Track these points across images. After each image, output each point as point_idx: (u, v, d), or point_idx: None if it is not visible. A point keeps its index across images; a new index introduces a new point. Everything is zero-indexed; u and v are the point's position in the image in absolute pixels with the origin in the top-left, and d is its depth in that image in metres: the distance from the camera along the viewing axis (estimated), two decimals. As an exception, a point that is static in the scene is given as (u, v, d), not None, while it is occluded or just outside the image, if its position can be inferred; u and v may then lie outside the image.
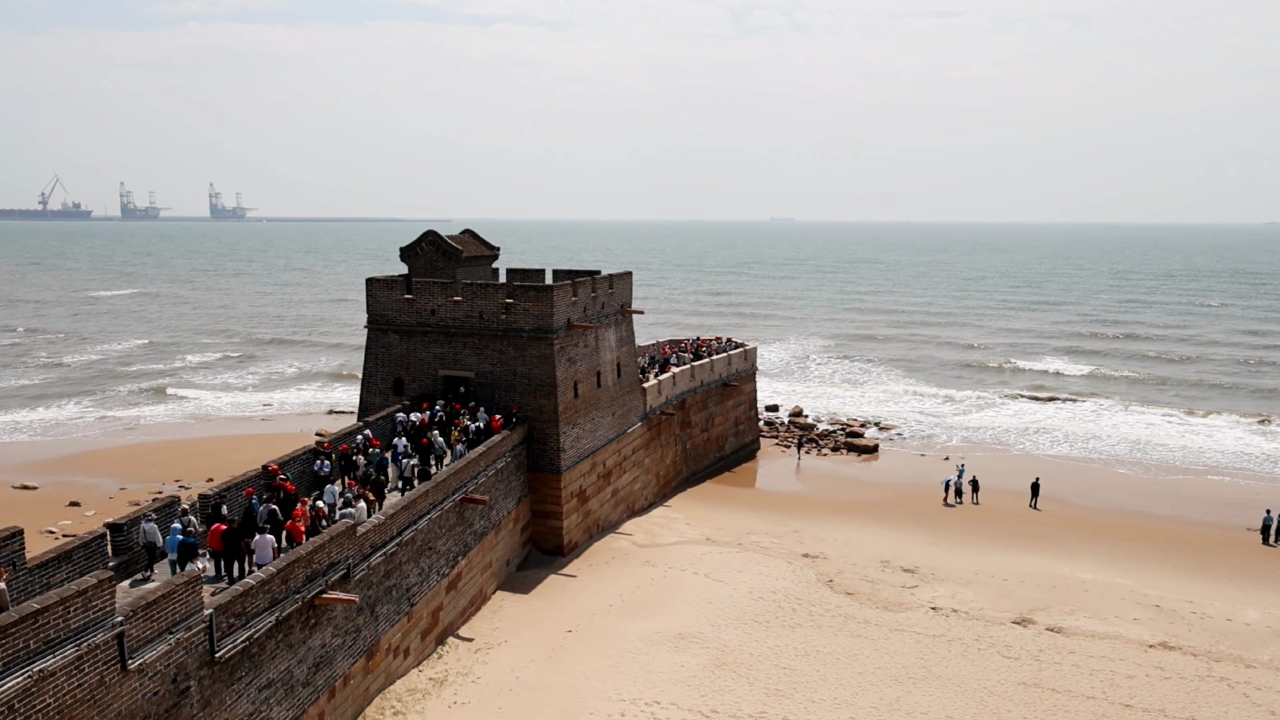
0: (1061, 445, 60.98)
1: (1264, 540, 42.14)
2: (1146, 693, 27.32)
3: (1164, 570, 38.13)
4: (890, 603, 33.84)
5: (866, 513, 45.75)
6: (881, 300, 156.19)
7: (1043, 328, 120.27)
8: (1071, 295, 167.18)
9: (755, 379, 59.91)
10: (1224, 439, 62.51)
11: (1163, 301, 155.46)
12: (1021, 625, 32.03)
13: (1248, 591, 35.86)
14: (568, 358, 37.96)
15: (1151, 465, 56.31)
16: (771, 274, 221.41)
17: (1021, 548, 40.64)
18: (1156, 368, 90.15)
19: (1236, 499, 48.74)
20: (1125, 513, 46.49)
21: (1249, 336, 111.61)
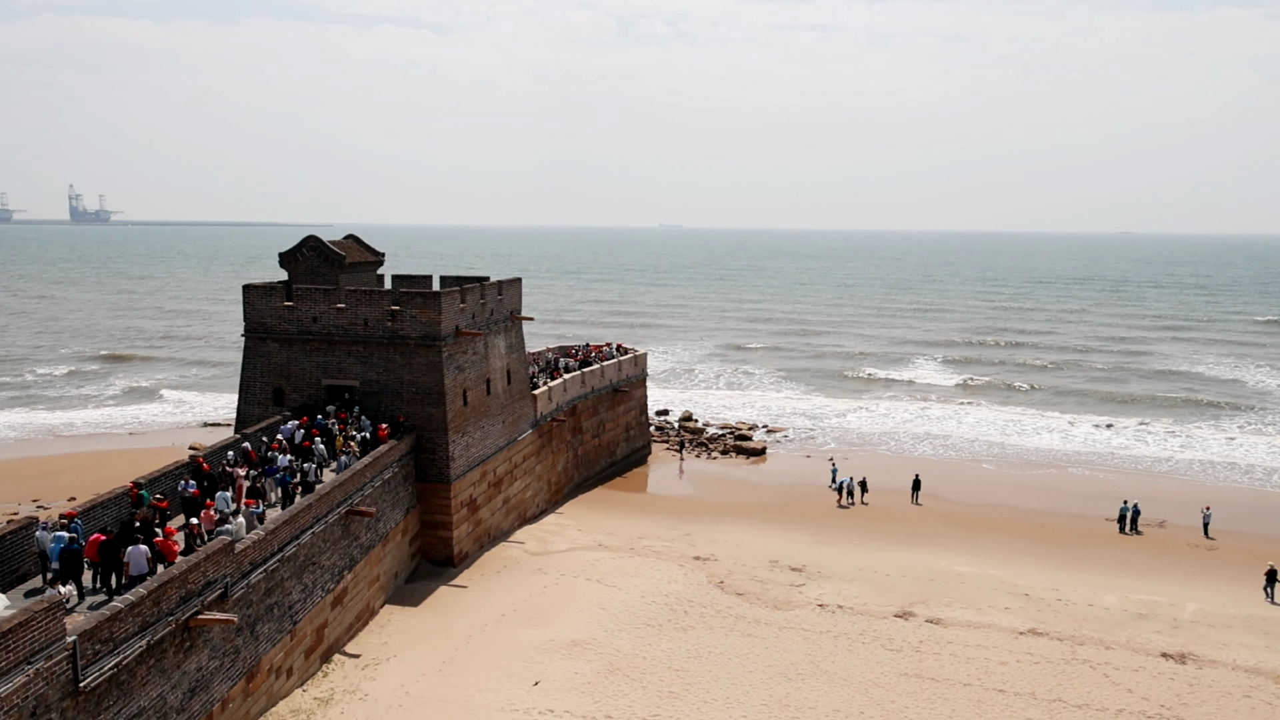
0: (936, 444, 63.60)
1: (1120, 529, 44.90)
2: (1018, 677, 28.72)
3: (1032, 560, 40.20)
4: (779, 601, 34.58)
5: (756, 514, 46.64)
6: (766, 307, 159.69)
7: (917, 333, 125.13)
8: (945, 300, 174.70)
9: (646, 384, 60.38)
10: (1081, 435, 66.31)
11: (1030, 307, 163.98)
12: (903, 618, 33.20)
13: (1106, 578, 38.13)
14: (456, 365, 37.42)
15: (1017, 461, 59.30)
16: (661, 281, 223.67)
17: (903, 544, 42.16)
18: (1022, 374, 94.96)
19: (1096, 491, 51.79)
20: (997, 507, 48.83)
21: (1106, 342, 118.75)
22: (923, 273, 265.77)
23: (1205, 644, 31.43)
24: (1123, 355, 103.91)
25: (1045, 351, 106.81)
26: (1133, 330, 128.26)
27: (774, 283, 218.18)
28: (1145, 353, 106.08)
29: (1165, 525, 45.59)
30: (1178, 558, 41.30)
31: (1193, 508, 46.93)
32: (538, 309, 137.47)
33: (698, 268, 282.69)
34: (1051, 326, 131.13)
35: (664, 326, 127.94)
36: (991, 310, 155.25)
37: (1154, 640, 31.66)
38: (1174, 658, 30.26)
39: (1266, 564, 37.52)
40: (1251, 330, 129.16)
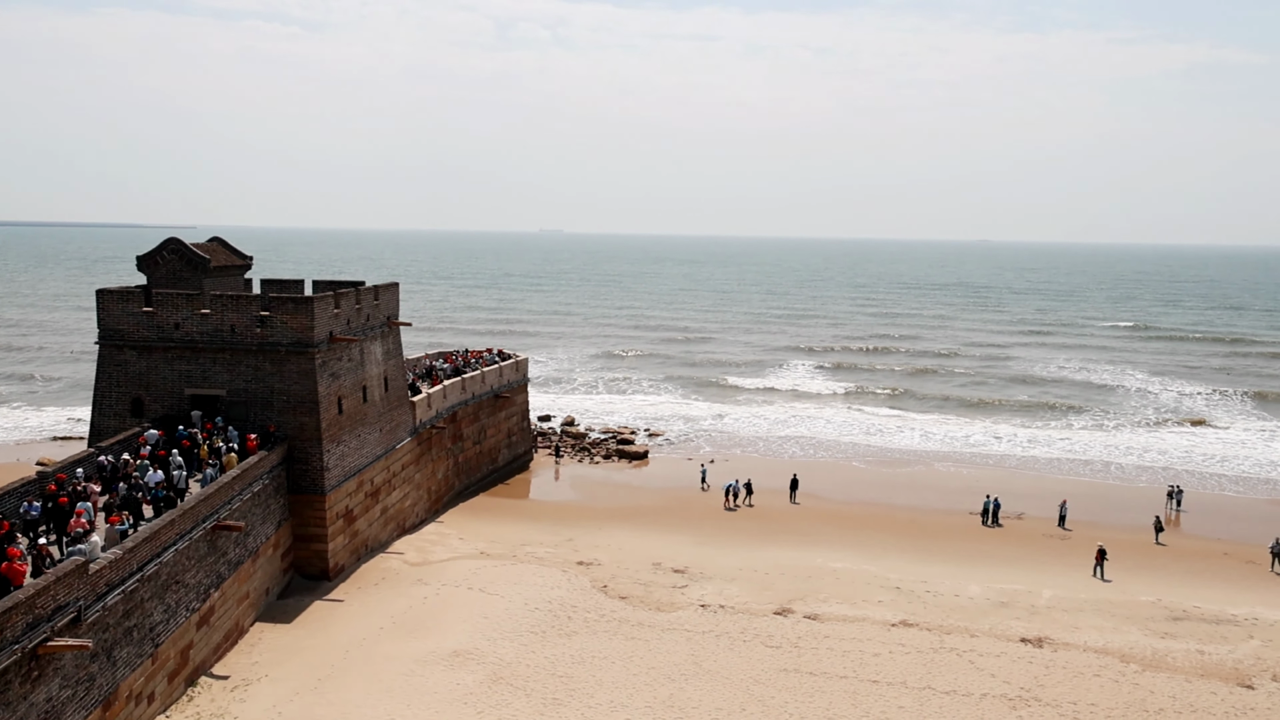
0: (811, 445, 65.45)
1: (983, 522, 47.25)
2: (890, 667, 29.83)
3: (903, 554, 41.85)
4: (662, 603, 34.88)
5: (639, 517, 46.95)
6: (647, 312, 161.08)
7: (791, 338, 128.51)
8: (818, 306, 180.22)
9: (527, 390, 59.97)
10: (941, 434, 69.48)
11: (898, 313, 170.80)
12: (782, 615, 34.00)
13: (971, 569, 40.06)
14: (330, 372, 36.26)
15: (887, 460, 61.66)
16: (541, 286, 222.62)
17: (781, 542, 43.20)
18: (891, 377, 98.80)
19: (960, 487, 54.33)
20: (869, 504, 50.63)
21: (968, 346, 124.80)
22: (796, 279, 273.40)
23: (1060, 628, 33.39)
24: (983, 360, 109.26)
25: (915, 357, 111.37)
26: (993, 335, 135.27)
27: (655, 288, 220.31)
28: (1004, 357, 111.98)
29: (1024, 518, 48.21)
30: (1035, 548, 43.74)
31: (1048, 500, 49.79)
32: (416, 314, 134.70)
33: (579, 273, 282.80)
34: (918, 331, 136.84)
35: (546, 332, 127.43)
36: (863, 316, 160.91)
37: (1014, 626, 33.42)
38: (1032, 642, 32.02)
39: (1104, 547, 40.26)
40: (1098, 334, 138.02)
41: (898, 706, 27.32)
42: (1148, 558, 42.57)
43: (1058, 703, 27.67)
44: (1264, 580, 39.87)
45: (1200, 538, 45.98)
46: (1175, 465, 60.63)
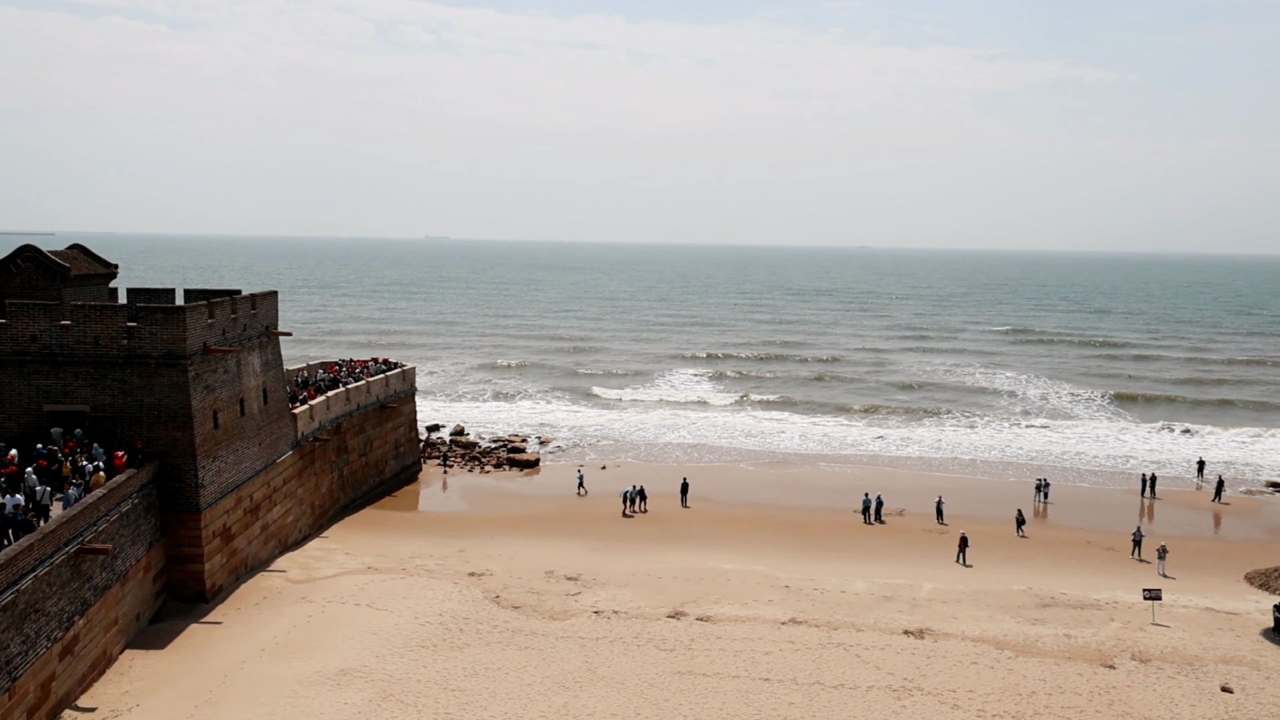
0: (700, 449, 66.34)
1: (866, 520, 48.79)
2: (780, 665, 30.45)
3: (791, 554, 42.82)
4: (556, 612, 34.69)
5: (530, 526, 46.60)
6: (536, 320, 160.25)
7: (677, 345, 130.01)
8: (706, 312, 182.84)
9: (415, 400, 58.79)
10: (830, 434, 71.54)
11: (787, 319, 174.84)
12: (675, 618, 34.29)
13: (855, 565, 41.31)
14: (205, 385, 34.71)
15: (774, 461, 63.00)
16: (428, 294, 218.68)
17: (673, 546, 43.59)
18: (780, 382, 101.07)
19: (844, 486, 55.96)
20: (758, 505, 51.61)
21: (851, 351, 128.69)
22: (684, 286, 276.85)
23: (939, 619, 34.75)
24: (865, 366, 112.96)
25: (801, 364, 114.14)
26: (875, 340, 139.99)
27: (543, 296, 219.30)
28: (886, 361, 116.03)
29: (904, 514, 50.01)
30: (915, 543, 45.42)
31: (926, 497, 51.80)
32: (296, 324, 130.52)
33: (466, 281, 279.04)
34: (803, 337, 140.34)
35: (433, 341, 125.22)
36: (749, 322, 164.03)
37: (897, 619, 34.61)
38: (914, 634, 33.21)
39: (966, 535, 42.23)
40: (973, 339, 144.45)
41: (788, 703, 27.90)
42: (1019, 548, 44.76)
43: (939, 691, 28.77)
44: (1123, 566, 42.43)
45: (1066, 528, 48.64)
46: (1041, 461, 63.99)
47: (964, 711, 27.51)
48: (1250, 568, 37.62)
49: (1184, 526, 49.43)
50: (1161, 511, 52.37)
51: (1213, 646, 32.56)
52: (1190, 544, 45.67)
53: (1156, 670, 30.50)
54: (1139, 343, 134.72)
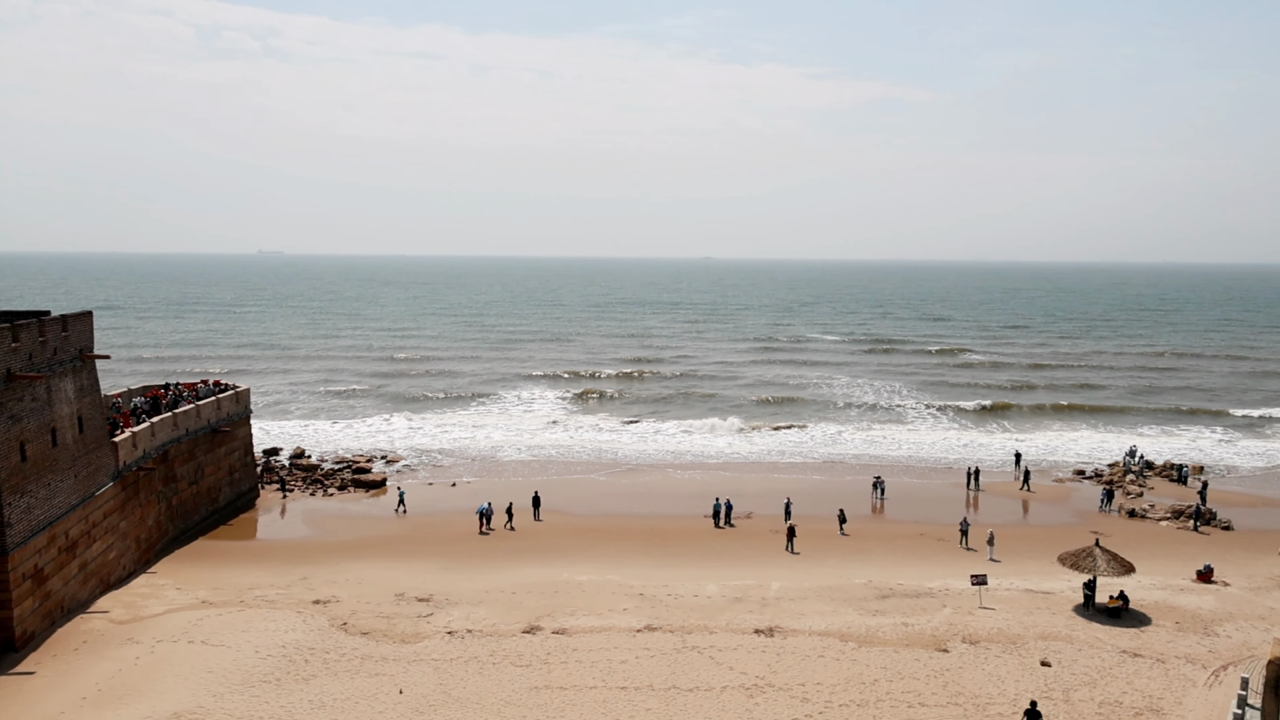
0: (551, 462, 66.13)
1: (715, 524, 49.90)
2: (636, 672, 30.70)
3: (645, 561, 43.27)
4: (407, 635, 33.75)
5: (379, 548, 45.17)
6: (377, 336, 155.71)
7: (525, 360, 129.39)
8: (554, 326, 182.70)
9: (250, 422, 55.98)
10: (680, 442, 72.86)
11: (638, 332, 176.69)
12: (531, 633, 34.00)
13: (707, 569, 42.17)
14: (10, 415, 31.89)
15: (625, 470, 63.56)
16: (263, 311, 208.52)
17: (528, 560, 43.24)
18: (632, 392, 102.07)
19: (693, 491, 57.07)
20: (611, 515, 51.90)
21: (704, 364, 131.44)
22: (531, 300, 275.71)
23: (788, 616, 35.93)
24: (718, 375, 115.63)
25: (656, 381, 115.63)
26: (723, 349, 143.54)
27: (385, 312, 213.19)
28: (735, 367, 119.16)
29: (752, 516, 51.43)
30: (763, 544, 46.79)
31: (774, 499, 53.50)
32: (114, 346, 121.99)
33: (304, 297, 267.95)
34: (654, 350, 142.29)
35: (270, 360, 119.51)
36: (597, 337, 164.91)
37: (748, 619, 35.54)
38: (764, 632, 34.19)
39: (794, 525, 44.02)
40: (820, 346, 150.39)
41: (645, 709, 28.15)
42: (861, 543, 46.84)
43: (789, 686, 29.72)
44: (953, 555, 45.11)
45: (901, 522, 51.29)
46: (879, 460, 67.28)
47: (813, 704, 28.52)
48: (1062, 549, 40.72)
49: (1005, 515, 53.08)
50: (985, 502, 56.05)
51: (1032, 625, 35.08)
52: (1010, 531, 49.11)
53: (984, 650, 32.57)
54: (969, 347, 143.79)
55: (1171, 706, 28.36)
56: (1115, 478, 60.81)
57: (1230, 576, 41.32)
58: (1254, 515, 52.36)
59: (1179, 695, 29.10)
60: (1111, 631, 34.51)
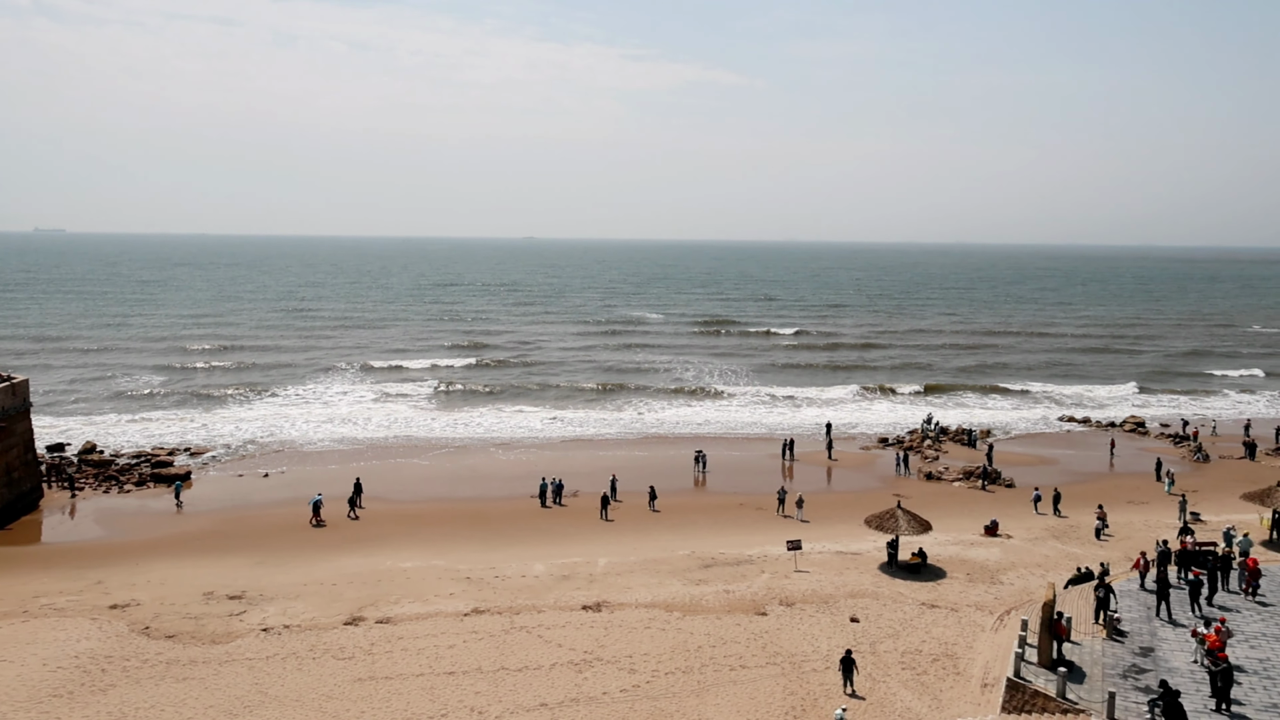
0: (373, 447, 64.12)
1: (542, 504, 49.99)
2: (464, 656, 30.41)
3: (471, 545, 42.83)
4: (218, 635, 31.98)
5: (184, 546, 42.45)
6: (177, 321, 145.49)
7: (340, 342, 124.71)
8: (372, 307, 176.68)
9: (30, 416, 51.09)
10: (505, 422, 72.37)
11: (466, 313, 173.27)
12: (353, 625, 32.99)
13: (534, 549, 42.24)
14: None
15: (449, 452, 62.50)
16: (43, 293, 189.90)
17: (349, 550, 41.85)
18: (457, 374, 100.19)
19: (519, 472, 56.91)
20: (435, 499, 50.97)
21: (515, 343, 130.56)
22: (346, 279, 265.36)
23: (614, 590, 36.55)
24: (546, 356, 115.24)
25: (482, 358, 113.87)
26: (551, 331, 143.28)
27: (185, 296, 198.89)
28: (562, 350, 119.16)
29: (579, 495, 51.83)
30: (591, 521, 47.31)
31: (601, 477, 54.09)
32: None
33: (92, 279, 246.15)
34: (483, 332, 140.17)
35: (50, 349, 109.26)
36: (422, 319, 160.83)
37: (576, 596, 35.90)
38: (592, 608, 34.65)
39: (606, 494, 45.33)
40: (649, 326, 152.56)
41: (474, 692, 27.96)
42: (684, 515, 48.14)
43: (616, 659, 30.28)
44: (771, 523, 47.19)
45: (722, 493, 53.13)
46: (702, 434, 69.30)
47: (640, 674, 29.20)
48: (868, 512, 43.46)
49: (816, 483, 56.02)
50: (799, 471, 58.91)
51: (843, 585, 37.29)
52: (821, 497, 51.91)
53: (800, 611, 34.34)
54: (790, 326, 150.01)
55: (964, 650, 30.91)
56: (914, 444, 65.35)
57: (1012, 529, 45.39)
58: (1031, 473, 57.66)
59: (970, 640, 31.75)
60: (912, 586, 37.19)
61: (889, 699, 27.61)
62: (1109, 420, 74.99)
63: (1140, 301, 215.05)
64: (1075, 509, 48.94)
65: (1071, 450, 65.03)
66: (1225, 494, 51.59)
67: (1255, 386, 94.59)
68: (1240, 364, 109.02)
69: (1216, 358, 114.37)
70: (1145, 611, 30.62)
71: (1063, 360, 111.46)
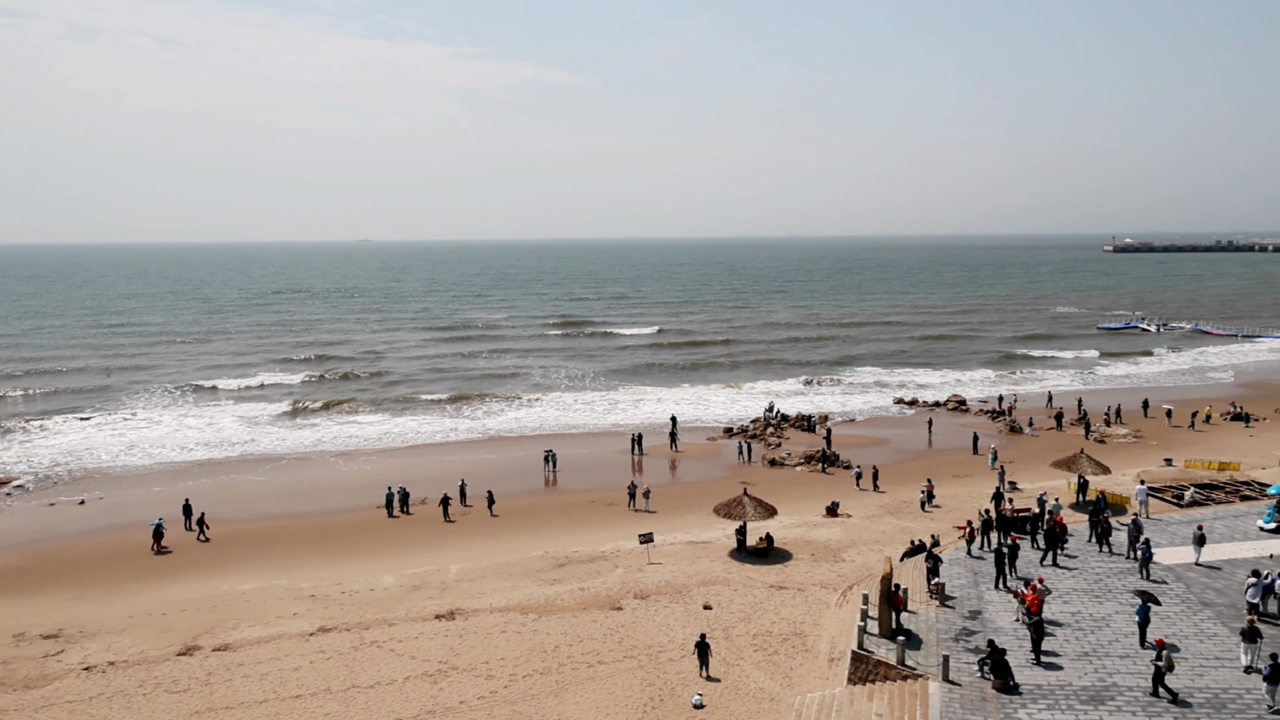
0: (204, 465, 60.50)
1: (389, 513, 48.51)
2: (312, 678, 29.14)
3: (315, 561, 41.07)
4: (32, 679, 29.37)
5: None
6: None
7: (159, 354, 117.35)
8: (190, 318, 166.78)
9: None
10: (347, 432, 69.84)
11: (299, 319, 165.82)
12: (188, 655, 31.04)
13: (383, 561, 40.95)
14: None
15: (287, 466, 59.76)
16: None
17: (180, 577, 39.33)
18: (295, 386, 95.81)
19: (364, 482, 55.02)
20: (275, 516, 48.59)
21: (357, 350, 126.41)
22: (166, 287, 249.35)
23: (468, 597, 35.92)
24: (386, 362, 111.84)
25: (322, 368, 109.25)
26: (393, 333, 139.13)
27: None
28: (405, 354, 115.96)
29: (427, 502, 50.59)
30: (441, 528, 46.30)
31: (449, 481, 52.94)
32: None
33: None
34: (325, 344, 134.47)
35: None
36: (255, 327, 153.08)
37: (428, 606, 35.05)
38: (445, 616, 33.92)
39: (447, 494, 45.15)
40: (494, 327, 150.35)
41: (324, 715, 26.83)
42: (536, 516, 47.83)
43: (473, 666, 29.77)
44: (623, 518, 47.55)
45: (573, 491, 53.11)
46: (548, 432, 69.06)
47: (497, 679, 28.81)
48: (717, 501, 44.48)
49: (666, 475, 56.89)
50: (649, 465, 59.63)
51: (695, 574, 38.02)
52: (672, 489, 52.77)
53: (654, 603, 34.77)
54: (638, 324, 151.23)
55: (810, 628, 32.13)
56: (757, 432, 67.38)
57: (852, 509, 47.54)
58: (868, 454, 60.56)
59: (816, 617, 33.03)
60: (761, 570, 38.35)
61: (743, 681, 28.36)
62: (935, 401, 79.68)
63: (964, 288, 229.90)
64: (907, 485, 51.76)
65: (903, 430, 68.72)
66: (1038, 463, 55.78)
67: (1063, 364, 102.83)
68: (1055, 345, 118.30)
69: (1036, 340, 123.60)
70: (972, 577, 32.72)
71: (896, 349, 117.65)
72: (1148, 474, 51.09)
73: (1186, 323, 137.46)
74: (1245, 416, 68.54)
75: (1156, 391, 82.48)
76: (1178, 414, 70.17)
